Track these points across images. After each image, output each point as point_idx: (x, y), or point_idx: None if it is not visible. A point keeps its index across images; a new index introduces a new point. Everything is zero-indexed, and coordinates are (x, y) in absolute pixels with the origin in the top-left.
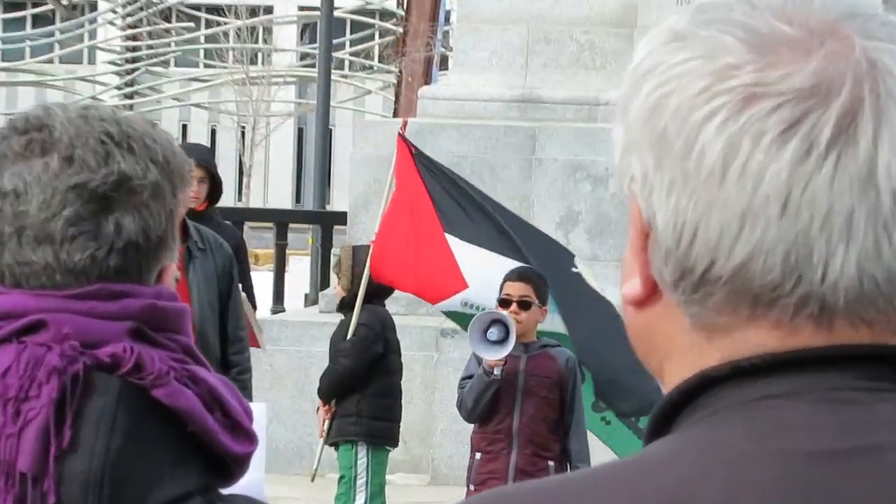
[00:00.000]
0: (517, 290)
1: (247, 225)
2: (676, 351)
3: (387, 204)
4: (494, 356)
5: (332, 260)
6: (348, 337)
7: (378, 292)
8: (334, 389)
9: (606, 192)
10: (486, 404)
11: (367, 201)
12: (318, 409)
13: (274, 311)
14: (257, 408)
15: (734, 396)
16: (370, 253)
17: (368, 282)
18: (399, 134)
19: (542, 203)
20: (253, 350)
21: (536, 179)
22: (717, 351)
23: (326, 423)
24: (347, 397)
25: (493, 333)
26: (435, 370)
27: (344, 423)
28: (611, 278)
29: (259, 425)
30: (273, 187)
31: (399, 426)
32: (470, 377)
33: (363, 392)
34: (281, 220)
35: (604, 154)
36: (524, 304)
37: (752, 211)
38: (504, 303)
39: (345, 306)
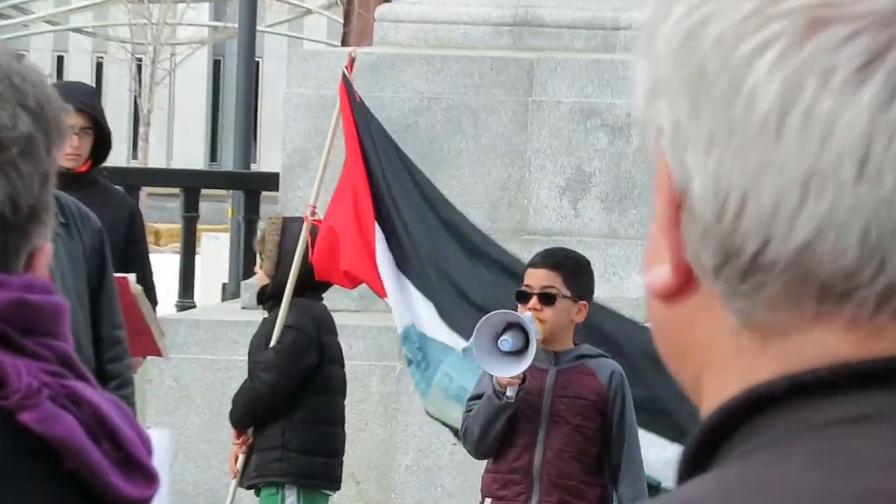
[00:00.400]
0: (539, 278)
1: (144, 191)
2: (718, 360)
3: (325, 165)
4: (508, 372)
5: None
6: (272, 343)
7: (315, 281)
8: (251, 414)
9: (628, 145)
10: (498, 435)
11: (306, 159)
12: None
13: (181, 308)
14: (159, 437)
15: (796, 420)
16: (313, 236)
17: (302, 266)
18: (343, 74)
19: (541, 161)
20: (153, 360)
21: (534, 129)
22: (772, 359)
23: (240, 458)
24: (270, 424)
25: (507, 342)
26: (397, 386)
27: (265, 458)
28: (633, 262)
29: (161, 460)
30: (180, 140)
31: (341, 462)
32: (480, 397)
33: (291, 417)
34: (190, 185)
35: (624, 95)
36: (547, 298)
37: (818, 173)
38: (522, 297)
39: (267, 299)
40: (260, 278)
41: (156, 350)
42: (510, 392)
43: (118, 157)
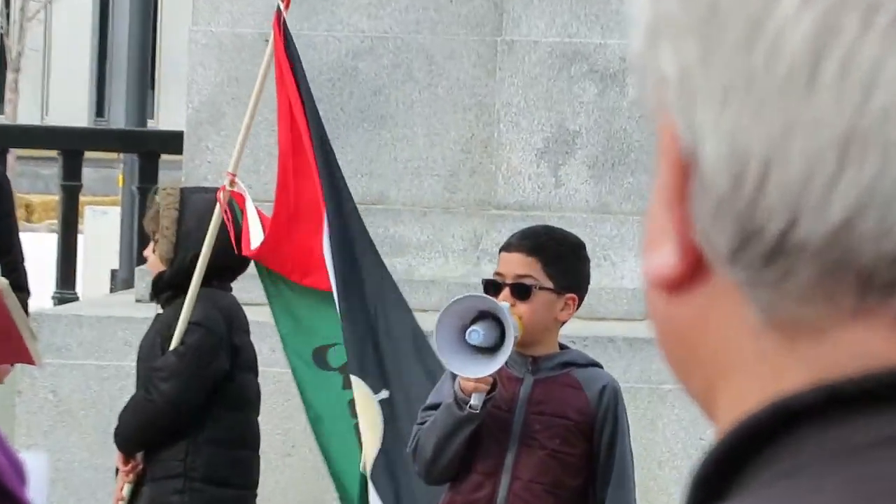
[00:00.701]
0: (512, 265)
1: (13, 154)
2: (735, 365)
3: (250, 123)
4: (475, 372)
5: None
6: (172, 344)
7: (224, 266)
8: (145, 434)
9: (622, 97)
10: (456, 455)
11: (217, 114)
12: (117, 467)
13: (59, 300)
14: (34, 462)
15: (833, 440)
16: (233, 211)
17: (214, 250)
18: (277, 9)
19: (513, 116)
20: (23, 368)
21: (505, 76)
22: (801, 364)
23: (126, 489)
24: (168, 447)
25: (477, 334)
26: None
27: (162, 490)
28: (629, 243)
29: (36, 489)
30: (58, 91)
31: (255, 494)
32: (437, 407)
33: (195, 438)
34: (71, 147)
35: (617, 34)
36: (521, 290)
37: (860, 134)
38: (492, 288)
39: (164, 289)
40: (153, 264)
41: (26, 356)
42: (475, 400)
43: None
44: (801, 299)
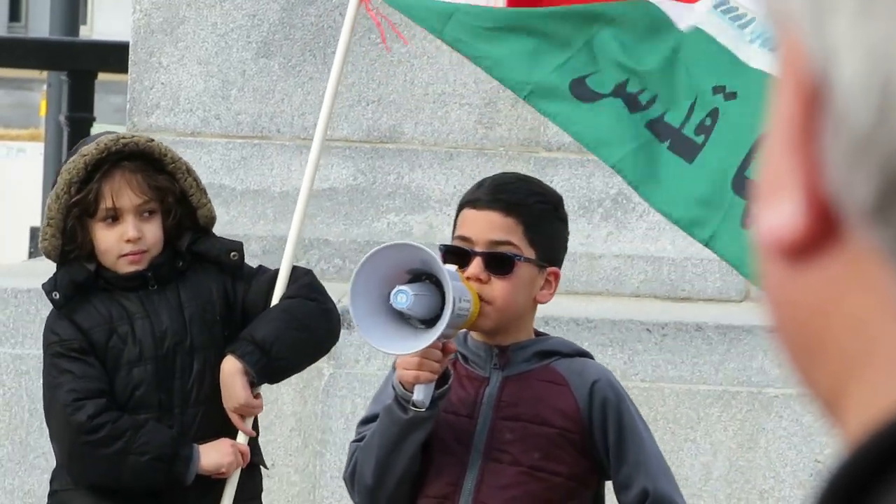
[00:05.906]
0: (486, 227)
1: None
2: (875, 354)
3: None
4: (403, 348)
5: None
6: (277, 292)
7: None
8: (315, 352)
9: None
10: (406, 473)
11: (175, 19)
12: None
13: None
14: None
15: None
16: None
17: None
18: None
19: None
20: None
21: None
22: None
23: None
24: None
25: (406, 296)
26: (326, 401)
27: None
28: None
29: None
30: None
31: None
32: (376, 419)
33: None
34: None
35: None
36: (500, 262)
37: None
38: (456, 257)
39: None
40: (153, 238)
41: None
42: (419, 395)
43: None
44: None
